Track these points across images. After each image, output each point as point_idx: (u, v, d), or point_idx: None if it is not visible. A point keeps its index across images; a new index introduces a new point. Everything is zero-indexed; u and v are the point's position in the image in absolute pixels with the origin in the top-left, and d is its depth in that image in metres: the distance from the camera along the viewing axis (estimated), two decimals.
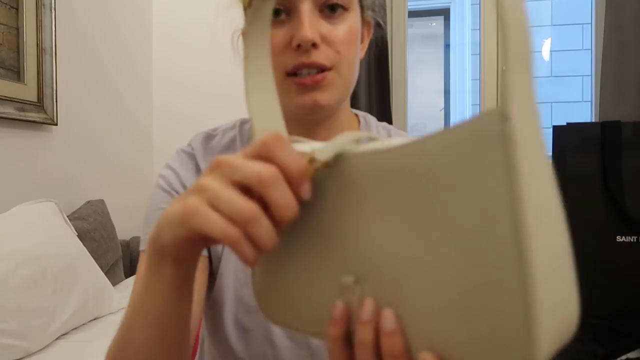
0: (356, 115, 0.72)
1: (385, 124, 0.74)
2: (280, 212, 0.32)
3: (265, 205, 0.32)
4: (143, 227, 0.63)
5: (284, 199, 0.32)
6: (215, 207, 0.32)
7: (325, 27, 0.55)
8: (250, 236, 0.32)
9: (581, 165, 1.23)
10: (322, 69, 0.55)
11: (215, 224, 0.32)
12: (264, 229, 0.32)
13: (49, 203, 1.49)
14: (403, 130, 2.55)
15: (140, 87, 2.31)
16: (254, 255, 0.32)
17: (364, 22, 0.63)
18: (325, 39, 0.55)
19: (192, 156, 0.65)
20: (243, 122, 0.69)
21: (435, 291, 0.29)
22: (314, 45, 0.54)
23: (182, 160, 0.64)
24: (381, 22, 0.68)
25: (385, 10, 0.73)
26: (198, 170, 0.64)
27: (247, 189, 0.32)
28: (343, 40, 0.56)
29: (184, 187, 0.62)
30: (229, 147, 0.66)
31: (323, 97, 0.56)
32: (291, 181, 0.32)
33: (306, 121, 0.61)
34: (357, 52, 0.59)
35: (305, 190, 0.33)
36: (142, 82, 2.34)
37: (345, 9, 0.56)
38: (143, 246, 0.61)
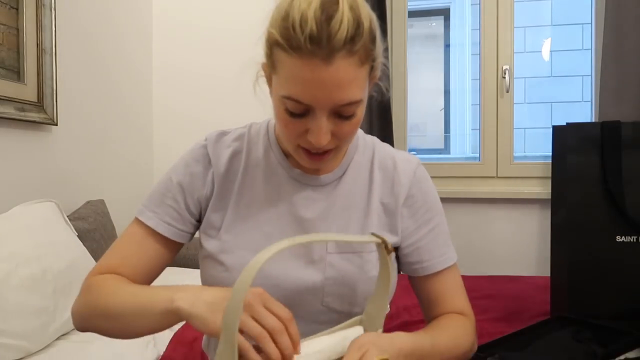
0: None
1: (370, 137, 0.85)
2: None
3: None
4: (147, 200, 0.78)
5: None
6: (257, 320, 0.54)
7: (335, 123, 0.65)
8: (277, 343, 0.53)
9: (581, 165, 1.23)
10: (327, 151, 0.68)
11: (255, 330, 0.53)
12: (285, 340, 0.54)
13: (49, 203, 1.48)
14: (402, 130, 2.53)
15: (140, 87, 2.32)
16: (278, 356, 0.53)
17: (371, 77, 0.69)
18: (333, 133, 0.66)
19: (204, 147, 0.79)
20: (253, 124, 0.83)
21: None
22: None
23: (196, 156, 0.79)
24: (382, 84, 0.76)
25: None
26: (206, 157, 0.78)
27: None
28: (349, 132, 0.67)
29: (192, 175, 0.78)
30: (238, 139, 0.80)
31: (325, 166, 0.73)
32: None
33: None
34: (359, 127, 0.70)
35: None
36: (142, 81, 2.34)
37: (354, 114, 0.65)
38: (142, 217, 0.76)
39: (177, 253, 0.80)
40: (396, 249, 0.80)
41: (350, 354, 0.57)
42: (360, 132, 0.84)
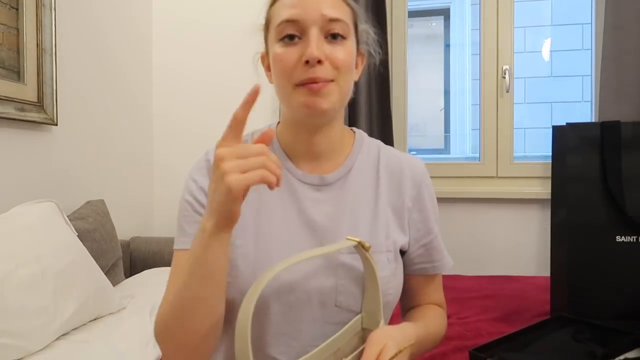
0: (352, 130, 0.86)
1: (375, 140, 0.86)
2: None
3: None
4: (177, 231, 0.78)
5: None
6: (243, 170, 0.57)
7: (328, 48, 0.71)
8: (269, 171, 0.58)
9: (581, 165, 1.23)
10: (324, 81, 0.70)
11: (253, 177, 0.57)
12: (274, 165, 0.58)
13: (49, 203, 1.48)
14: (402, 130, 2.53)
15: (140, 87, 2.31)
16: (277, 180, 0.58)
17: (359, 52, 0.79)
18: (327, 57, 0.70)
19: (207, 161, 0.79)
20: (255, 130, 0.84)
21: None
22: (319, 61, 0.69)
23: (200, 168, 0.79)
24: (373, 51, 0.84)
25: (380, 41, 0.88)
26: (209, 167, 0.77)
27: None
28: (342, 59, 0.71)
29: (203, 190, 0.76)
30: None
31: (324, 102, 0.71)
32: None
33: (308, 127, 0.76)
34: (352, 72, 0.75)
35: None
36: (142, 82, 2.34)
37: (344, 37, 0.73)
38: (178, 246, 0.76)
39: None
40: (402, 251, 0.81)
41: (369, 349, 0.62)
42: (364, 134, 0.85)
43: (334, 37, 0.71)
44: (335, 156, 0.80)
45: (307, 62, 0.69)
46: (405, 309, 0.88)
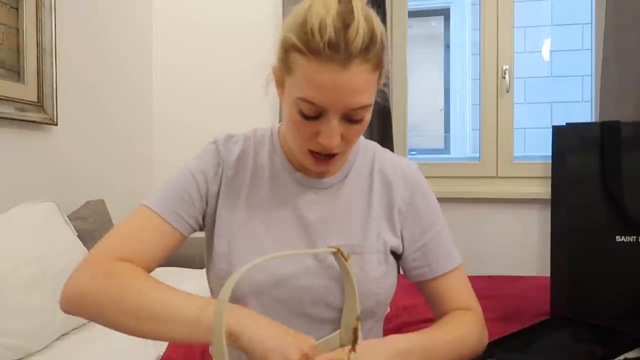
0: None
1: (371, 143, 0.87)
2: None
3: None
4: (159, 191, 0.76)
5: None
6: None
7: (344, 128, 0.67)
8: None
9: (581, 166, 1.23)
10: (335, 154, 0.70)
11: None
12: None
13: (49, 203, 1.48)
14: (402, 130, 2.52)
15: (140, 87, 2.32)
16: None
17: (378, 83, 0.71)
18: (342, 137, 0.68)
19: (215, 146, 0.80)
20: (257, 129, 0.85)
21: None
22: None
23: (208, 154, 0.80)
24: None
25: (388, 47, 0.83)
26: (218, 155, 0.79)
27: None
28: (357, 135, 0.70)
29: (203, 172, 0.78)
30: (245, 140, 0.82)
31: (332, 167, 0.74)
32: None
33: None
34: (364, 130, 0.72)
35: None
36: (142, 81, 2.34)
37: (364, 114, 0.68)
38: (149, 203, 0.74)
39: (179, 247, 0.78)
40: (396, 254, 0.81)
41: None
42: (361, 138, 0.86)
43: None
44: None
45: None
46: (436, 319, 0.84)
